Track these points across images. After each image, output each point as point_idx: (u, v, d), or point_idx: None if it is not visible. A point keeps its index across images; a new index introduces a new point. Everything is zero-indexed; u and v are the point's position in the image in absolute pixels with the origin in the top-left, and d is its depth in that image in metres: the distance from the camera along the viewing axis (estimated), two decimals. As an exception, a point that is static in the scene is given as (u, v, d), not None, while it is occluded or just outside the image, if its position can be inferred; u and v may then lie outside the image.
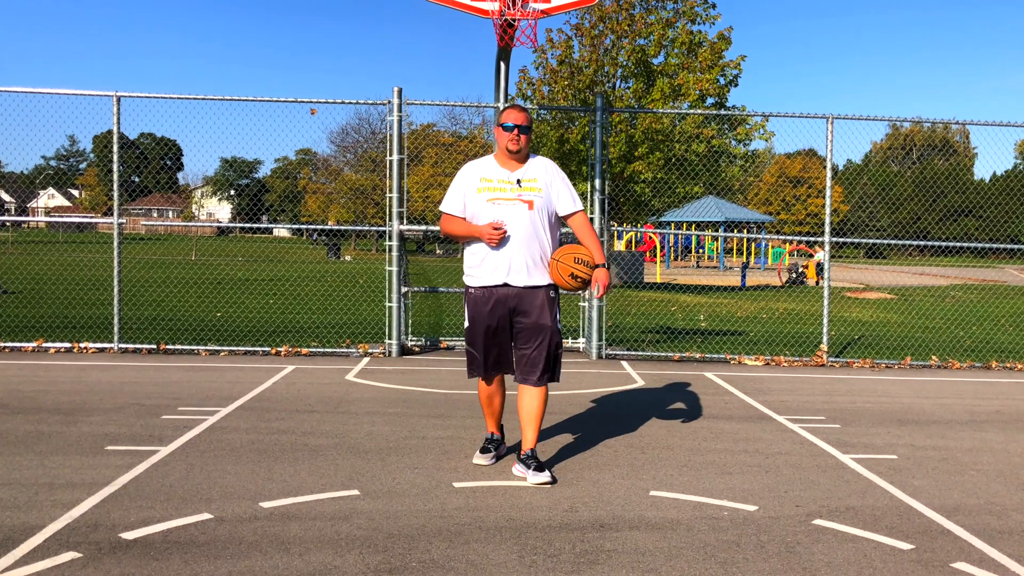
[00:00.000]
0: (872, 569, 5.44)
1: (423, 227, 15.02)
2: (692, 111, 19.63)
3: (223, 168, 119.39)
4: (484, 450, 7.74)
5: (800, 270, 43.25)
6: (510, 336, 7.33)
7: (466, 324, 7.44)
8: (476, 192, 7.22)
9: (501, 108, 7.62)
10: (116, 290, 13.78)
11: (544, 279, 7.22)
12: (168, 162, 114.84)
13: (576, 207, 7.35)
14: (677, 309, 24.64)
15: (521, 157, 7.29)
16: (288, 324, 17.90)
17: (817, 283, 41.49)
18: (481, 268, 7.25)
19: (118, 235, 13.75)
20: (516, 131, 7.19)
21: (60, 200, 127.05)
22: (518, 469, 7.28)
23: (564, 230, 8.32)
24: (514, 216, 7.13)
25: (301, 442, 8.19)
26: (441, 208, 7.45)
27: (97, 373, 11.77)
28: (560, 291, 7.37)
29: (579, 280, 7.12)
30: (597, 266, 7.16)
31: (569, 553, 5.56)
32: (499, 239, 7.09)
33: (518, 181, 7.22)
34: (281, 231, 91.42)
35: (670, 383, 12.19)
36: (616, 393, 11.32)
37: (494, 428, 7.84)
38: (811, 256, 48.60)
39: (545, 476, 7.06)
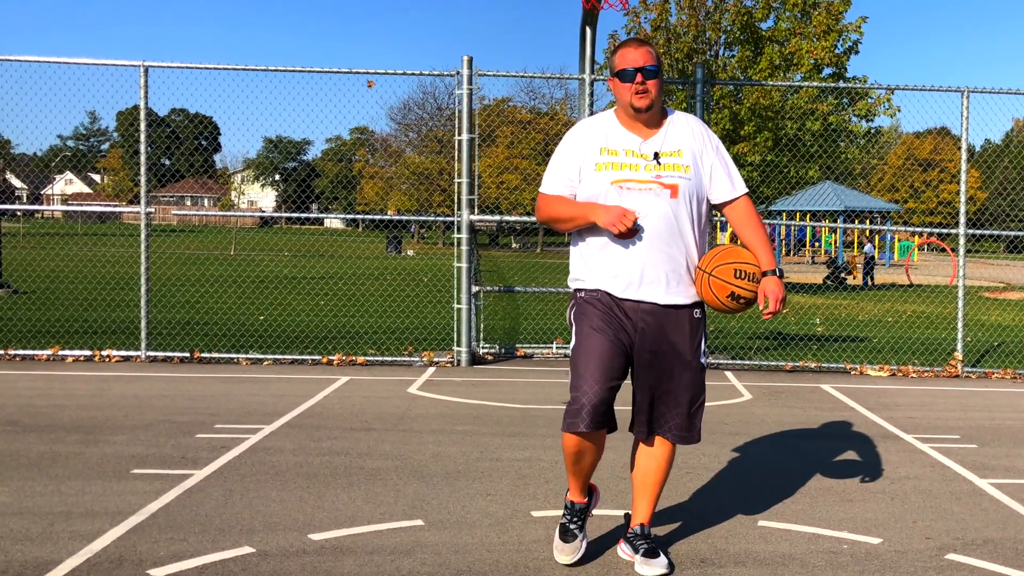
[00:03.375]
0: (1027, 616, 5.38)
1: (497, 217, 15.06)
2: (806, 83, 19.54)
3: (266, 149, 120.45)
4: (566, 533, 6.10)
5: (844, 263, 42.86)
6: (626, 370, 5.91)
7: (572, 344, 5.96)
8: (595, 169, 5.85)
9: (613, 47, 6.08)
10: (143, 290, 13.93)
11: (688, 295, 5.89)
12: (203, 142, 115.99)
13: (738, 191, 6.03)
14: (789, 311, 24.53)
15: (654, 116, 5.90)
16: (341, 329, 18.01)
17: (868, 282, 41.11)
18: (599, 272, 5.90)
19: (146, 226, 13.89)
20: (640, 76, 5.77)
21: (79, 186, 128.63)
22: (624, 550, 6.18)
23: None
24: (651, 208, 5.75)
25: (356, 465, 8.24)
26: (542, 189, 6.08)
27: (121, 385, 11.91)
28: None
29: (742, 302, 5.81)
30: (766, 273, 5.86)
31: (668, 594, 5.55)
32: (629, 233, 5.70)
33: (656, 156, 5.82)
34: (333, 222, 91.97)
35: (781, 397, 12.17)
36: (719, 407, 11.31)
37: (578, 493, 6.14)
38: (943, 251, 48.13)
39: (659, 567, 5.91)
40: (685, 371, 5.87)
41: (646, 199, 5.73)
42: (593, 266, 5.91)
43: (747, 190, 6.06)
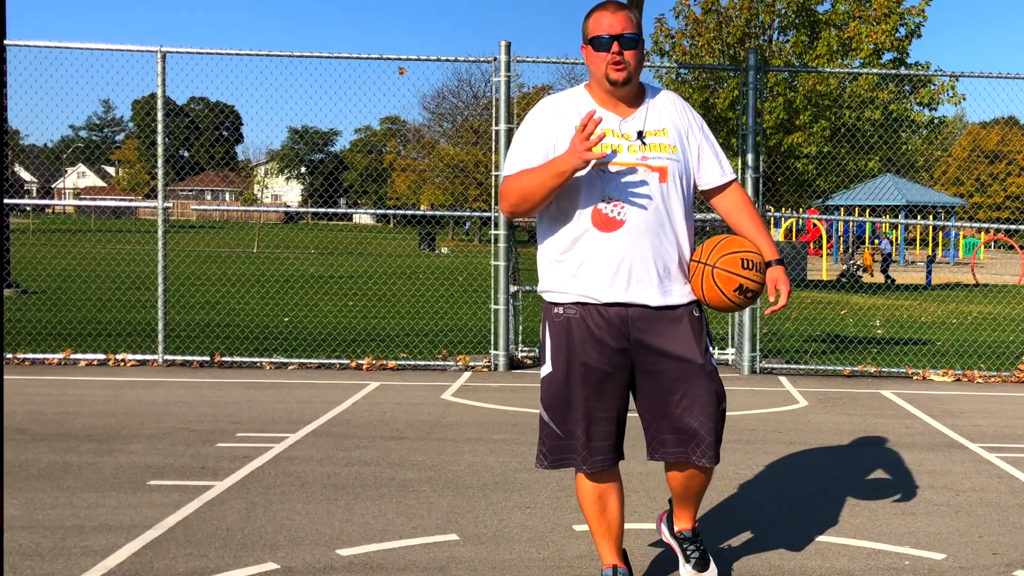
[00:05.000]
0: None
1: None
2: (865, 70, 19.48)
3: (292, 140, 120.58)
4: None
5: (858, 263, 42.71)
6: (625, 395, 5.57)
7: (546, 370, 5.58)
8: None
9: (588, 11, 5.25)
10: (160, 290, 13.99)
11: (684, 293, 5.48)
12: (224, 133, 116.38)
13: (728, 175, 5.67)
14: (848, 313, 24.47)
15: (632, 91, 5.49)
16: (371, 331, 18.05)
17: (887, 280, 40.96)
18: (577, 274, 5.44)
19: (163, 222, 13.95)
20: (616, 45, 5.35)
21: (92, 179, 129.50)
22: (670, 541, 6.05)
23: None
24: (638, 194, 5.36)
25: (387, 475, 8.26)
26: (505, 173, 5.51)
27: (137, 391, 11.97)
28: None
29: (749, 295, 5.43)
30: (770, 263, 5.52)
31: (720, 615, 5.54)
32: (598, 162, 5.26)
33: (639, 135, 5.41)
34: (363, 217, 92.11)
35: (839, 403, 12.12)
36: (773, 415, 11.29)
37: (614, 556, 5.74)
38: (1011, 248, 47.93)
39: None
40: (697, 379, 5.38)
41: (632, 184, 5.33)
42: (568, 269, 5.45)
43: (736, 176, 5.74)
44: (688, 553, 5.86)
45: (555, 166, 5.18)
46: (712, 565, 5.84)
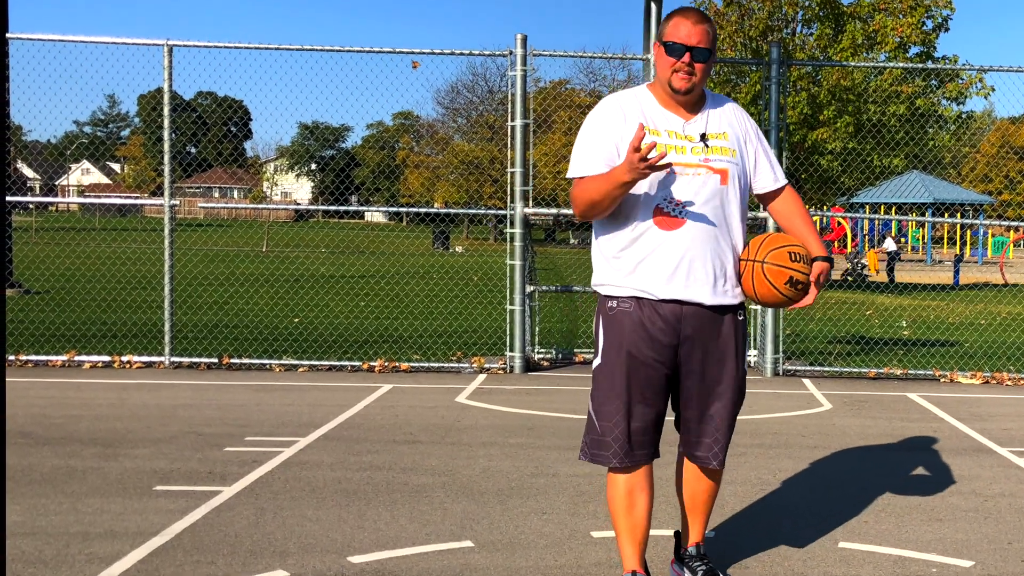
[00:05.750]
0: None
1: (554, 210, 15.06)
2: (891, 63, 19.44)
3: (302, 136, 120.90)
4: None
5: (862, 262, 42.69)
6: (669, 388, 5.79)
7: (596, 362, 5.81)
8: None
9: (664, 17, 5.42)
10: (167, 290, 14.02)
11: (735, 294, 5.73)
12: (233, 128, 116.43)
13: (782, 180, 5.95)
14: (873, 313, 24.44)
15: (693, 99, 5.70)
16: (384, 332, 18.08)
17: (890, 280, 40.93)
18: (635, 270, 5.63)
19: (170, 220, 13.98)
20: (689, 56, 5.53)
21: (97, 176, 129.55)
22: (676, 571, 6.18)
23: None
24: (699, 195, 5.57)
25: (400, 481, 8.27)
26: (574, 173, 5.77)
27: (143, 394, 12.00)
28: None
29: (799, 287, 5.65)
30: (816, 258, 5.73)
31: (743, 624, 5.55)
32: (659, 166, 5.31)
33: (703, 138, 5.64)
34: (375, 215, 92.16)
35: (864, 406, 12.14)
36: (796, 418, 11.30)
37: (636, 561, 5.81)
38: None
39: None
40: (732, 382, 5.76)
41: (694, 185, 5.54)
42: (626, 265, 5.65)
43: (787, 181, 5.99)
44: (695, 568, 5.98)
45: (615, 177, 5.38)
46: None
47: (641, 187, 5.51)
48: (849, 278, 39.69)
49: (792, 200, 5.95)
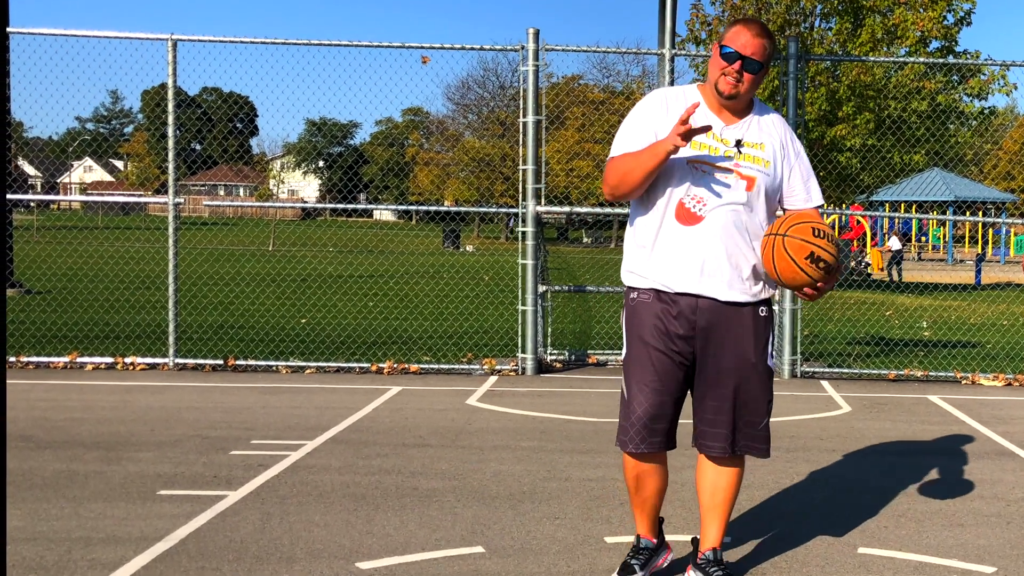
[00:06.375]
0: None
1: (566, 208, 15.08)
2: (911, 59, 19.42)
3: (309, 133, 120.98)
4: (626, 569, 6.21)
5: (865, 260, 42.69)
6: (685, 379, 6.03)
7: (624, 352, 6.18)
8: None
9: (733, 19, 5.76)
10: (171, 290, 14.03)
11: (752, 293, 5.98)
12: (238, 125, 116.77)
13: (815, 201, 6.15)
14: (893, 314, 24.47)
15: (739, 105, 5.98)
16: (393, 333, 18.09)
17: (893, 279, 40.88)
18: (654, 261, 5.95)
19: (174, 218, 13.98)
20: (740, 64, 5.82)
21: (99, 174, 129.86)
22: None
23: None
24: (723, 196, 5.85)
25: (409, 485, 8.27)
26: (612, 155, 6.08)
27: (147, 396, 12.01)
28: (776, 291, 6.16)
29: (822, 266, 5.66)
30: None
31: (759, 632, 5.55)
32: (692, 132, 5.65)
33: (738, 144, 5.91)
34: (384, 213, 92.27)
35: (884, 409, 12.13)
36: (814, 421, 11.31)
37: (647, 529, 6.29)
38: None
39: None
40: (753, 375, 6.01)
41: (719, 186, 5.83)
42: (648, 255, 5.99)
43: (822, 203, 6.18)
44: (710, 573, 6.13)
45: (653, 148, 5.75)
46: None
47: (668, 180, 5.84)
48: (854, 277, 39.67)
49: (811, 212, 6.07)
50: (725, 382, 5.96)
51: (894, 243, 44.58)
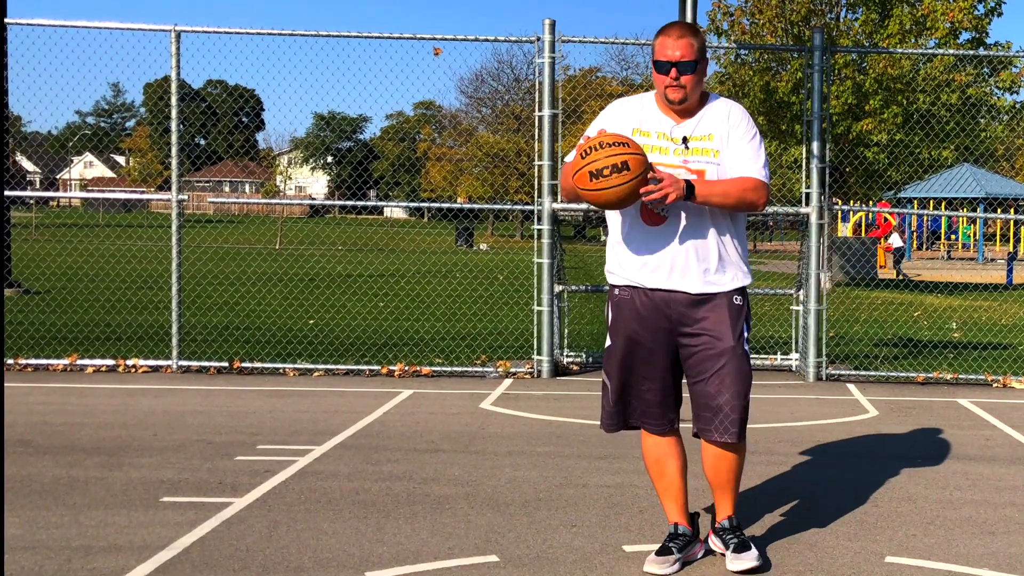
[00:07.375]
0: None
1: (583, 206, 15.02)
2: (941, 51, 19.36)
3: (317, 127, 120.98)
4: (663, 551, 6.64)
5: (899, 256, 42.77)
6: (671, 366, 6.64)
7: (607, 343, 6.87)
8: None
9: (657, 30, 6.45)
10: (175, 290, 14.04)
11: (724, 281, 6.51)
12: (244, 119, 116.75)
13: (748, 173, 6.46)
14: (921, 315, 24.40)
15: (690, 105, 6.48)
16: (404, 335, 18.11)
17: (898, 276, 40.87)
18: (628, 260, 6.59)
19: (178, 216, 14.00)
20: (675, 72, 6.33)
21: (100, 169, 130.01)
22: (715, 542, 6.81)
23: (750, 217, 8.09)
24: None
25: (421, 491, 8.27)
26: (567, 159, 6.58)
27: (150, 400, 12.02)
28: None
29: (608, 172, 6.07)
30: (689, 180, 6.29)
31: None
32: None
33: (684, 140, 6.44)
34: (395, 211, 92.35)
35: (912, 413, 12.12)
36: (840, 425, 11.28)
37: (679, 515, 6.78)
38: None
39: (750, 560, 6.51)
40: (727, 358, 6.46)
41: None
42: (623, 255, 6.66)
43: (763, 178, 6.50)
44: (727, 540, 6.70)
45: None
46: (752, 548, 6.61)
47: None
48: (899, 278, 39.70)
49: (740, 178, 6.45)
50: (703, 367, 6.50)
51: (895, 240, 44.60)
